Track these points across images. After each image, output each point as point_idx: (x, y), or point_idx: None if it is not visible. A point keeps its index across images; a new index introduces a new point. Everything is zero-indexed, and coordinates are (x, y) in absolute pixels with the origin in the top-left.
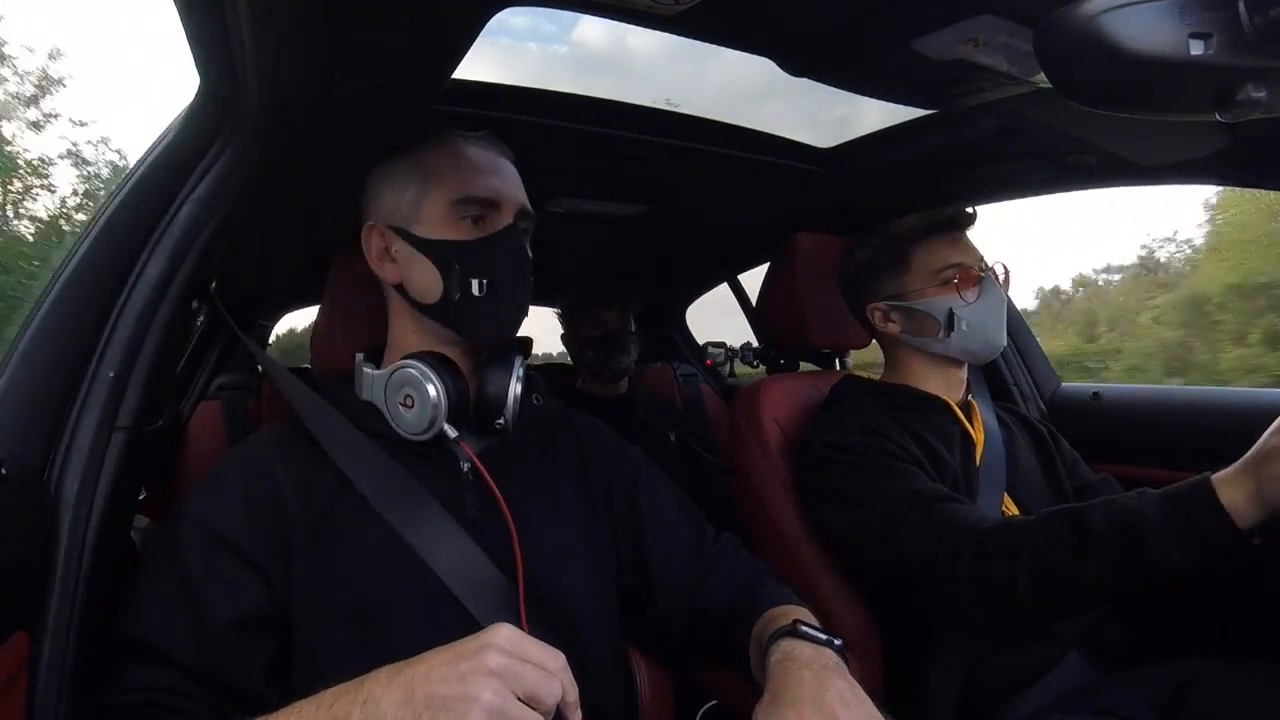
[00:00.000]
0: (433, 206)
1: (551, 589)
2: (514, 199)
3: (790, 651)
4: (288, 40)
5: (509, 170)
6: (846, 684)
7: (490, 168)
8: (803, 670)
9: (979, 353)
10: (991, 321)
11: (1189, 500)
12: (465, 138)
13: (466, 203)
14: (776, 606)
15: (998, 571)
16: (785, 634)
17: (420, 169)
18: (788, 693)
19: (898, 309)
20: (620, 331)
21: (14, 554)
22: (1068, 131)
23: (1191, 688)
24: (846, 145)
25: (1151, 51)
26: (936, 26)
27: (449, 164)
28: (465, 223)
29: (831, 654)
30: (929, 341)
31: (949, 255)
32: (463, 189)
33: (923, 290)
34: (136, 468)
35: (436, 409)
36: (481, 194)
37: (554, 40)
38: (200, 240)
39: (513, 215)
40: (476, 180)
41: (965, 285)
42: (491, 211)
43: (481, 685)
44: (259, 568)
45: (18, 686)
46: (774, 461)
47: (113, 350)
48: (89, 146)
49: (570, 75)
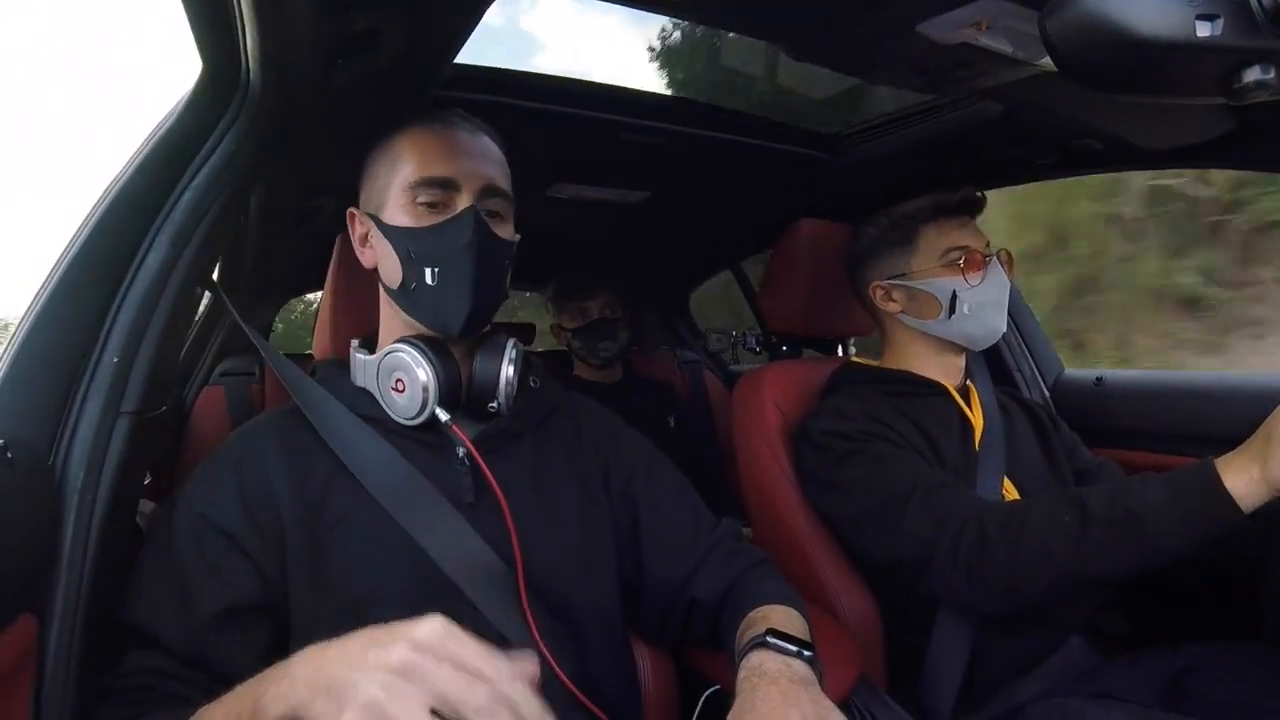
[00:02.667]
0: (395, 192)
1: (550, 575)
2: (475, 175)
3: (759, 665)
4: (289, 26)
5: (474, 146)
6: (811, 698)
7: (449, 147)
8: (770, 687)
9: (978, 336)
10: (993, 306)
11: (1192, 484)
12: (430, 118)
13: (421, 185)
14: (761, 607)
15: (998, 556)
16: (756, 645)
17: (390, 154)
18: (752, 713)
19: (900, 288)
20: (605, 320)
21: (20, 538)
22: (1073, 115)
23: (1192, 672)
24: (850, 131)
25: (1158, 33)
26: (941, 9)
27: (409, 147)
28: (421, 208)
29: (801, 665)
30: (929, 323)
31: (957, 238)
32: (418, 172)
33: (927, 270)
34: (141, 453)
35: (427, 392)
36: (436, 174)
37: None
38: (202, 226)
39: (473, 195)
40: (432, 162)
41: (970, 268)
42: (450, 194)
43: (371, 679)
44: (252, 556)
45: (26, 668)
46: (775, 447)
47: (116, 336)
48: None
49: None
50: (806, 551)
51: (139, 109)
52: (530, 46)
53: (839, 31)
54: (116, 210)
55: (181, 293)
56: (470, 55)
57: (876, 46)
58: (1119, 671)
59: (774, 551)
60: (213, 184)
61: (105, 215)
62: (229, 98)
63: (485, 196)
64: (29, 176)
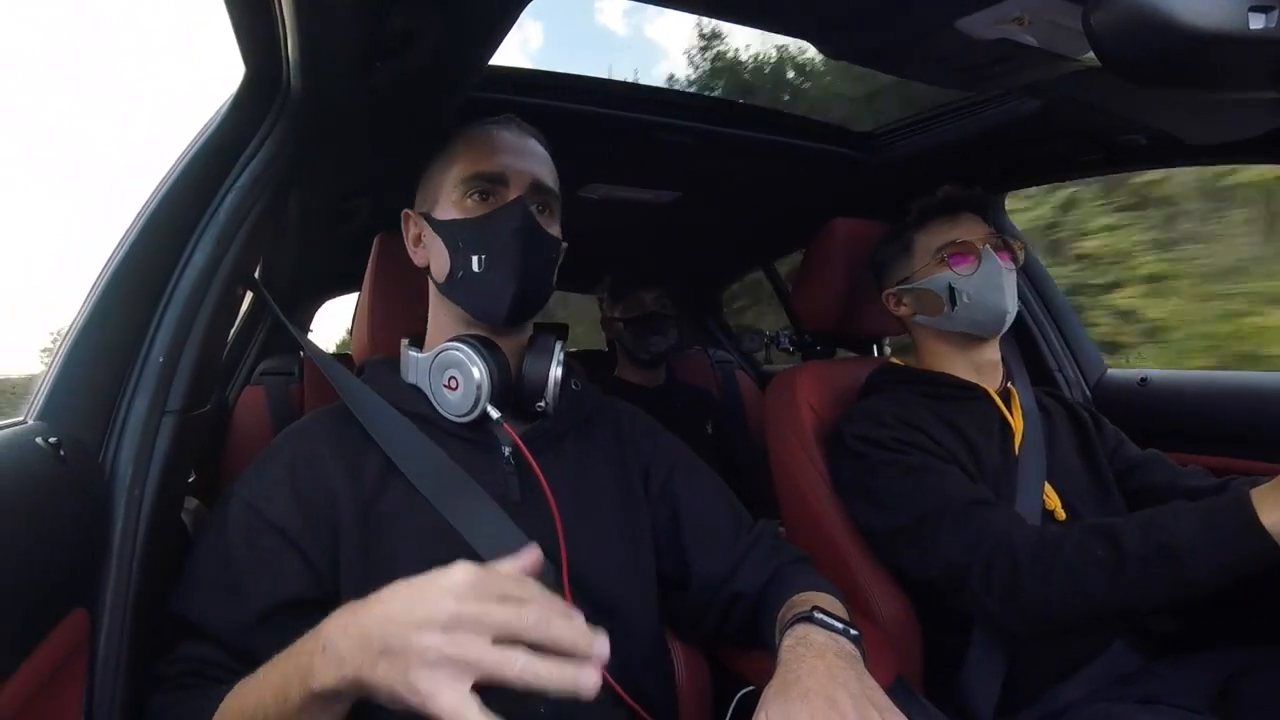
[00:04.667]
0: (447, 189)
1: (593, 573)
2: (524, 173)
3: (804, 637)
4: (329, 30)
5: (523, 147)
6: (856, 675)
7: (501, 145)
8: (815, 660)
9: (986, 322)
10: (992, 290)
11: (1228, 520)
12: (484, 122)
13: (473, 180)
14: (805, 592)
15: (1031, 584)
16: (802, 619)
17: (445, 156)
18: (798, 684)
19: (907, 291)
20: (657, 314)
21: (73, 533)
22: (1116, 110)
23: (1244, 676)
24: (886, 128)
25: (1209, 25)
26: (980, 5)
27: (463, 146)
28: (471, 200)
29: (847, 642)
30: (938, 319)
31: (947, 234)
32: (469, 168)
33: (924, 270)
34: (186, 450)
35: (480, 390)
36: (487, 169)
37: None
38: (245, 227)
39: (522, 190)
40: (482, 158)
41: (960, 260)
42: (499, 188)
43: (429, 634)
44: (304, 551)
45: (78, 660)
46: (810, 448)
47: (162, 336)
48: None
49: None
50: (842, 552)
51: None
52: (654, 54)
53: (875, 29)
54: (162, 212)
55: (225, 292)
56: (592, 64)
57: (914, 44)
58: (1166, 674)
59: (809, 552)
60: (255, 185)
61: (152, 218)
62: (270, 101)
63: (533, 192)
64: (81, 181)
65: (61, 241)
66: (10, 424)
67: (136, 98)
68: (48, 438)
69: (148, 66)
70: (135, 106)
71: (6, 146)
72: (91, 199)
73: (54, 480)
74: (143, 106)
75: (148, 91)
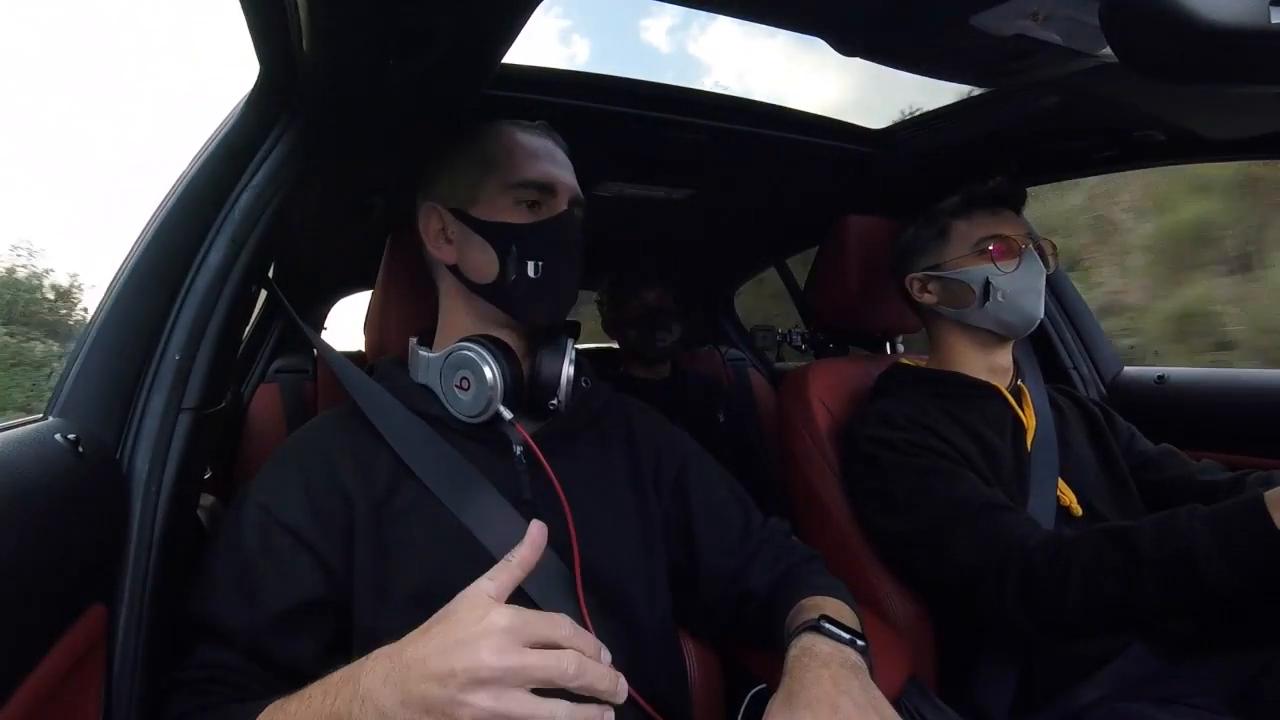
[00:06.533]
0: (491, 190)
1: (606, 571)
2: (569, 185)
3: (810, 647)
4: (343, 27)
5: (564, 158)
6: (862, 686)
7: (546, 154)
8: (821, 670)
9: (1015, 324)
10: (1028, 292)
11: (1243, 524)
12: (523, 126)
13: (524, 187)
14: (813, 596)
15: (1047, 590)
16: (808, 629)
17: (479, 154)
18: (803, 693)
19: (935, 279)
20: (661, 309)
21: (91, 529)
22: (1135, 106)
23: (1264, 677)
24: (899, 126)
25: (1229, 20)
26: (995, 0)
27: (507, 150)
28: (522, 207)
29: (852, 653)
30: (965, 312)
31: (990, 227)
32: (520, 174)
33: (960, 260)
34: (201, 447)
35: (493, 390)
36: (539, 179)
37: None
38: (259, 226)
39: (567, 201)
40: (534, 166)
41: (1003, 255)
42: (548, 197)
43: (472, 691)
44: (318, 553)
45: (97, 656)
46: (822, 446)
47: (178, 334)
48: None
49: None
50: (855, 551)
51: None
52: (697, 69)
53: (890, 27)
54: (178, 211)
55: (239, 291)
56: (638, 75)
57: (928, 41)
58: (1185, 675)
59: (822, 550)
60: (269, 184)
61: (168, 217)
62: (285, 99)
63: (574, 204)
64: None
65: (61, 241)
66: (29, 420)
67: (136, 98)
68: (66, 434)
69: (148, 66)
70: (135, 106)
71: (6, 147)
72: (91, 199)
73: (72, 476)
74: (142, 106)
75: (147, 91)
